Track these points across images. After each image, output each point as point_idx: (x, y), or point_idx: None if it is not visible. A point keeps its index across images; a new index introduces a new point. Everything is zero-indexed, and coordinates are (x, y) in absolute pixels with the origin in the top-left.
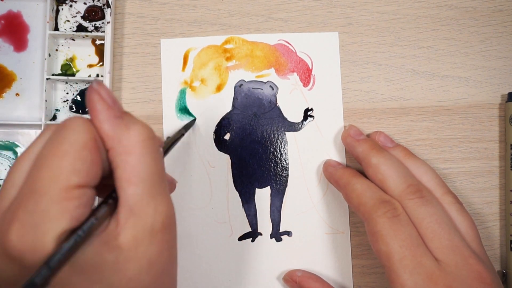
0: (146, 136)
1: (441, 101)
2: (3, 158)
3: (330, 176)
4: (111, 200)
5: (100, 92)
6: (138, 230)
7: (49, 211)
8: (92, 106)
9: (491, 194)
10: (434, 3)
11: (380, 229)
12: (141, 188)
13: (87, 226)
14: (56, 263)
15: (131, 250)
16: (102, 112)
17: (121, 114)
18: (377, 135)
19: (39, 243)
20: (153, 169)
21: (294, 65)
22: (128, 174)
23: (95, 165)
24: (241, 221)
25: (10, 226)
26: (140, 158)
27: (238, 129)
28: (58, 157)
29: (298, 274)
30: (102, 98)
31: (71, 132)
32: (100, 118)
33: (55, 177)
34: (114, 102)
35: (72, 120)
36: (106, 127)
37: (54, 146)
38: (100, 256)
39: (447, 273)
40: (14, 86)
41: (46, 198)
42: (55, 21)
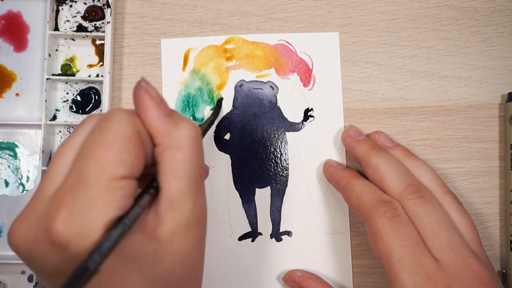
0: (195, 134)
1: (441, 101)
2: (3, 158)
3: (330, 177)
4: (152, 190)
5: (148, 90)
6: (176, 223)
7: (97, 200)
8: (142, 103)
9: (491, 194)
10: (434, 3)
11: (380, 229)
12: (185, 183)
13: (132, 215)
14: (106, 250)
15: (168, 242)
16: (152, 109)
17: (170, 112)
18: (377, 135)
19: (86, 230)
20: (197, 166)
21: (295, 65)
22: (175, 169)
23: (139, 157)
24: (241, 221)
25: (57, 213)
26: (188, 154)
27: (238, 129)
28: (105, 148)
29: (298, 274)
30: (151, 96)
31: (117, 124)
32: (150, 115)
33: (102, 168)
34: (161, 100)
35: (116, 112)
36: (156, 123)
37: (101, 137)
38: (140, 246)
39: (446, 273)
40: (14, 86)
41: (94, 187)
42: (55, 21)
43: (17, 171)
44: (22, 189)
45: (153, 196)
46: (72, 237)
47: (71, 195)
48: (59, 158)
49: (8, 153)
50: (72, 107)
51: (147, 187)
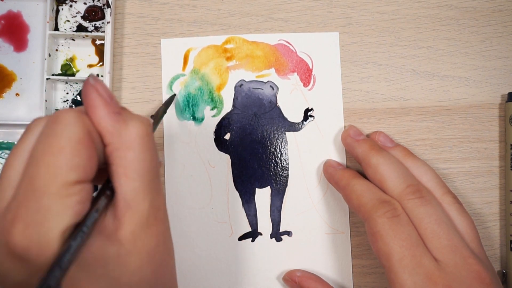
0: (145, 132)
1: (441, 101)
2: (3, 158)
3: (330, 177)
4: (108, 191)
5: (97, 88)
6: (135, 224)
7: (51, 209)
8: (90, 102)
9: (491, 194)
10: (434, 3)
11: (380, 229)
12: (138, 183)
13: (90, 220)
14: (67, 263)
15: (130, 243)
16: (101, 108)
17: (119, 110)
18: (376, 135)
19: (44, 240)
20: (150, 164)
21: (295, 65)
22: (126, 169)
23: (91, 160)
24: (241, 221)
25: (13, 226)
26: (139, 154)
27: (238, 129)
28: (54, 153)
29: (298, 274)
30: (99, 94)
31: (65, 126)
32: (98, 114)
33: (53, 175)
34: (111, 97)
35: (64, 114)
36: (105, 123)
37: (49, 142)
38: (102, 250)
39: (446, 273)
40: (14, 86)
41: (47, 196)
42: (55, 21)
43: None
44: None
45: (109, 197)
46: (32, 249)
47: (24, 206)
48: (9, 168)
49: (8, 153)
50: (72, 107)
51: (103, 188)
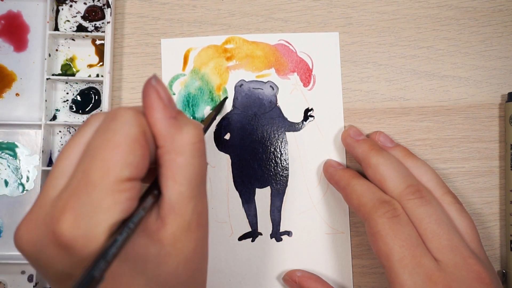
0: (198, 139)
1: (441, 101)
2: (3, 158)
3: (330, 177)
4: (156, 191)
5: (158, 89)
6: (177, 227)
7: (102, 203)
8: (149, 103)
9: (491, 194)
10: (434, 3)
11: (380, 229)
12: (185, 188)
13: (136, 218)
14: (111, 256)
15: (171, 245)
16: (158, 110)
17: (176, 114)
18: (376, 135)
19: (91, 233)
20: (198, 170)
21: (295, 65)
22: (175, 173)
23: (144, 159)
24: (241, 221)
25: (62, 215)
26: (189, 159)
27: (238, 129)
28: (110, 149)
29: (298, 274)
30: (159, 96)
31: (123, 124)
32: (155, 116)
33: (108, 169)
34: (170, 100)
35: (123, 112)
36: (160, 125)
37: (106, 138)
38: (144, 248)
39: (446, 273)
40: (14, 86)
41: (99, 189)
42: (55, 21)
43: (17, 171)
44: (22, 189)
45: (156, 197)
46: (78, 240)
47: (76, 197)
48: (64, 158)
49: (8, 153)
50: (72, 107)
51: (150, 188)
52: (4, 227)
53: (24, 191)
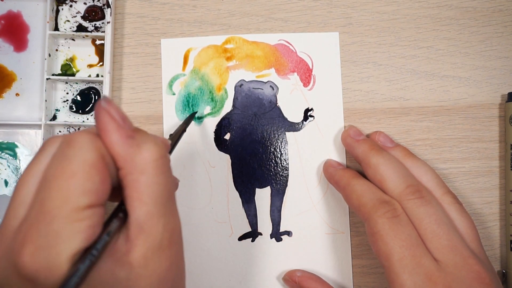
0: (159, 155)
1: (441, 101)
2: (3, 158)
3: (330, 177)
4: (121, 213)
5: (109, 111)
6: (148, 247)
7: (62, 233)
8: (102, 126)
9: (491, 194)
10: (434, 3)
11: (380, 230)
12: (151, 207)
13: (100, 244)
14: (74, 286)
15: (142, 267)
16: (113, 132)
17: (133, 133)
18: (376, 135)
19: (53, 264)
20: (164, 187)
21: (295, 65)
22: (140, 193)
23: (104, 183)
24: (241, 221)
25: (23, 247)
26: (152, 178)
27: (238, 129)
28: (66, 178)
29: (298, 274)
30: (112, 118)
31: (79, 150)
32: (111, 138)
33: (65, 199)
34: (124, 120)
35: (78, 137)
36: (117, 147)
37: (62, 166)
38: (112, 273)
39: (446, 273)
40: (14, 86)
41: (58, 220)
42: (55, 21)
43: (17, 171)
44: None
45: (122, 220)
46: (40, 272)
47: (35, 228)
48: (22, 188)
49: (8, 153)
50: (72, 107)
51: (115, 211)
52: None
53: None
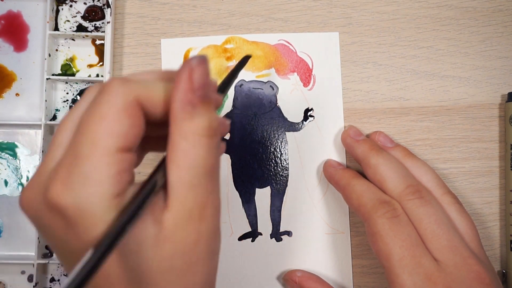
0: (205, 133)
1: (441, 101)
2: (3, 158)
3: (330, 177)
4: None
5: (193, 71)
6: (178, 212)
7: (91, 175)
8: (178, 79)
9: (491, 194)
10: (434, 3)
11: (380, 230)
12: (184, 173)
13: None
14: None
15: (170, 231)
16: (180, 90)
17: (198, 103)
18: (376, 135)
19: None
20: (203, 161)
21: (295, 65)
22: (177, 157)
23: (134, 128)
24: (241, 221)
25: (53, 184)
26: (193, 147)
27: (238, 129)
28: (96, 121)
29: (298, 274)
30: (189, 78)
31: (109, 95)
32: (175, 94)
33: (94, 141)
34: (200, 87)
35: (111, 82)
36: (175, 105)
37: (93, 110)
38: (144, 227)
39: (446, 273)
40: (14, 86)
41: (88, 162)
42: (55, 21)
43: (17, 171)
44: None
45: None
46: (69, 209)
47: (66, 169)
48: (61, 132)
49: (8, 153)
50: (72, 107)
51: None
52: (4, 227)
53: None
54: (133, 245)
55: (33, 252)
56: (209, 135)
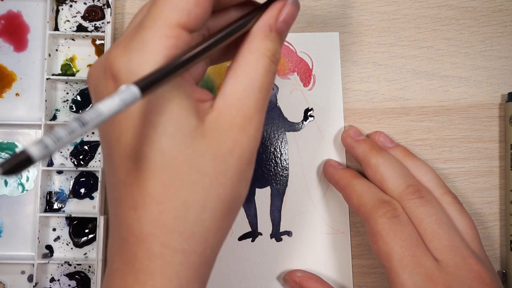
0: (270, 56)
1: (441, 101)
2: (3, 158)
3: (331, 177)
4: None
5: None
6: (219, 115)
7: (149, 42)
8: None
9: (491, 194)
10: (434, 3)
11: (380, 230)
12: (241, 84)
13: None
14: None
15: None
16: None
17: (275, 30)
18: (376, 135)
19: (134, 68)
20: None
21: (295, 65)
22: (239, 68)
23: (199, 6)
24: (241, 221)
25: (115, 47)
26: (255, 63)
27: None
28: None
29: (298, 275)
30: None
31: None
32: (264, 18)
33: (159, 13)
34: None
35: None
36: (257, 24)
37: None
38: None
39: (446, 273)
40: (14, 86)
41: (149, 30)
42: (55, 21)
43: None
44: (22, 189)
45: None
46: (122, 72)
47: (129, 35)
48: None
49: (8, 153)
50: (72, 107)
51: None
52: (4, 227)
53: (24, 191)
54: (171, 128)
55: (33, 252)
56: (271, 60)
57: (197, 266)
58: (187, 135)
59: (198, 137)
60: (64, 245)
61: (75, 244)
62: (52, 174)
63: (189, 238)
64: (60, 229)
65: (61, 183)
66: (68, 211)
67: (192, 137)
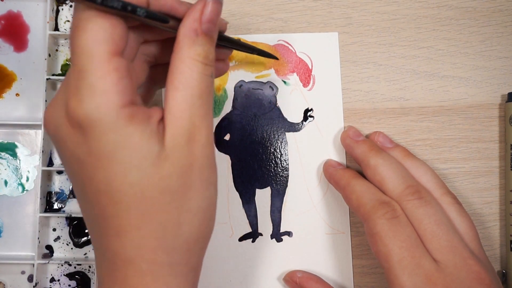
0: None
1: (441, 101)
2: (3, 158)
3: (330, 177)
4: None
5: (206, 6)
6: (175, 131)
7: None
8: (191, 9)
9: (491, 194)
10: (434, 3)
11: (379, 230)
12: (180, 94)
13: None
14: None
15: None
16: (189, 18)
17: (201, 33)
18: (376, 135)
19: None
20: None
21: (294, 65)
22: (175, 79)
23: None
24: (241, 221)
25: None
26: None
27: (238, 130)
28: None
29: (298, 275)
30: (201, 10)
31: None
32: (185, 21)
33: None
34: (207, 21)
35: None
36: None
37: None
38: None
39: (446, 274)
40: (14, 86)
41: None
42: (55, 21)
43: (17, 171)
44: (22, 189)
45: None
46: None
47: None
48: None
49: (8, 153)
50: None
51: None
52: (4, 227)
53: (24, 191)
54: (136, 160)
55: (33, 252)
56: (204, 63)
57: (185, 274)
58: (151, 164)
59: (162, 161)
60: (64, 245)
61: (75, 244)
62: (52, 174)
63: (172, 252)
64: (60, 229)
65: (61, 183)
66: (68, 211)
67: (156, 164)
